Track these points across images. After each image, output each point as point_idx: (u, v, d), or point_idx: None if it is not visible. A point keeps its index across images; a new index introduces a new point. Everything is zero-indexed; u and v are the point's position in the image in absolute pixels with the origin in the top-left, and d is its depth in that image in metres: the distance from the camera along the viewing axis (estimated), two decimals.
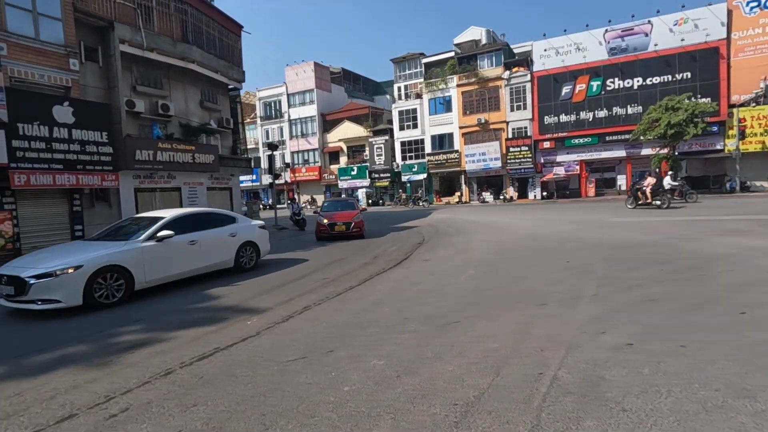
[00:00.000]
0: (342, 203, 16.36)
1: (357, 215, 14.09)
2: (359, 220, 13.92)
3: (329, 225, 13.61)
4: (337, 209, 14.99)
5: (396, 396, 3.18)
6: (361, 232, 13.85)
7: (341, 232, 13.56)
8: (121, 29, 15.18)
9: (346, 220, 13.72)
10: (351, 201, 16.74)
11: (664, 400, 2.86)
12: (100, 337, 5.01)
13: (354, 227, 13.64)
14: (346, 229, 13.51)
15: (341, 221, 13.66)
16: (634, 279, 6.06)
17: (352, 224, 13.61)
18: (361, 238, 13.65)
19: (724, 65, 27.85)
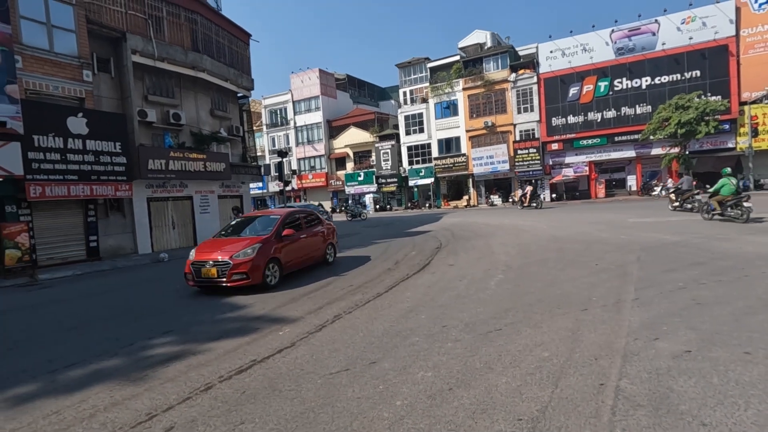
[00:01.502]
0: (262, 221, 9.11)
1: (251, 249, 7.66)
2: (249, 259, 7.49)
3: (194, 266, 7.70)
4: (234, 234, 8.88)
5: (454, 411, 3.03)
6: (250, 282, 7.44)
7: (210, 279, 7.54)
8: (132, 40, 15.25)
9: (223, 258, 7.52)
10: (274, 218, 9.00)
11: (744, 413, 2.70)
12: (132, 350, 4.90)
13: (235, 273, 7.38)
14: (217, 275, 7.45)
15: (213, 260, 7.57)
16: (675, 281, 5.88)
17: (231, 266, 7.38)
18: (256, 290, 7.63)
19: (733, 63, 27.60)
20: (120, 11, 15.24)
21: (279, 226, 8.60)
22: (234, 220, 10.09)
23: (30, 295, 9.45)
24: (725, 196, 12.28)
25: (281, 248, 8.29)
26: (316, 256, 9.75)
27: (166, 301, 7.69)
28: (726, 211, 12.31)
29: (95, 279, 11.17)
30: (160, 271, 11.74)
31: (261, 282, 7.60)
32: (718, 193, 12.52)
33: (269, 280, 7.82)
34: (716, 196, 12.53)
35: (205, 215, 18.62)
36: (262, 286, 7.68)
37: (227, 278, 7.43)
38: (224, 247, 7.94)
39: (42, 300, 8.77)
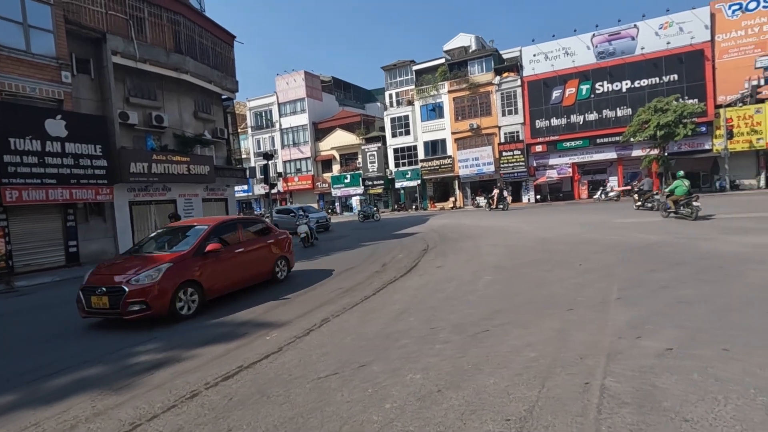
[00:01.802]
0: (184, 233, 7.41)
1: (155, 271, 6.12)
2: (151, 284, 5.98)
3: (84, 293, 6.20)
4: (148, 250, 7.17)
5: (443, 412, 3.04)
6: (151, 313, 5.96)
7: (101, 310, 6.06)
8: (113, 41, 14.97)
9: (117, 284, 6.01)
10: (199, 229, 7.30)
11: (724, 408, 2.78)
12: (117, 357, 4.79)
13: (132, 302, 5.89)
14: (109, 306, 5.96)
15: (106, 286, 6.06)
16: (659, 281, 6.01)
17: (126, 294, 5.88)
18: (164, 322, 6.15)
19: (709, 67, 28.45)
20: (100, 11, 14.94)
21: (202, 239, 6.87)
22: (155, 232, 8.25)
23: (8, 302, 9.17)
24: (679, 196, 13.67)
25: (203, 268, 6.62)
26: (262, 273, 8.11)
27: None
28: (679, 210, 13.63)
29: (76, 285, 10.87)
30: None
31: (168, 312, 6.06)
32: (672, 193, 13.94)
33: (182, 308, 6.24)
34: (672, 196, 13.93)
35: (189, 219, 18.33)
36: (172, 317, 6.11)
37: (122, 309, 5.79)
38: (125, 268, 6.26)
39: (21, 307, 8.51)
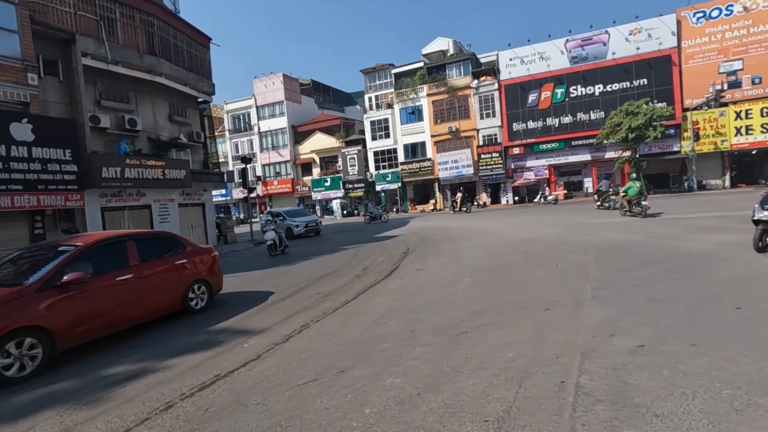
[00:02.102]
0: (43, 256, 5.65)
1: None
2: None
3: None
4: None
5: (423, 416, 3.05)
6: None
7: None
8: (83, 42, 14.52)
9: None
10: (63, 250, 5.47)
11: (692, 402, 2.87)
12: (88, 370, 4.62)
13: None
14: None
15: None
16: (631, 279, 6.19)
17: None
18: None
19: (676, 72, 29.57)
20: (68, 12, 14.47)
21: (57, 268, 5.05)
22: (16, 252, 6.23)
23: None
24: (631, 197, 15.02)
25: (56, 307, 4.84)
26: (165, 304, 6.38)
27: None
28: (632, 209, 14.92)
29: None
30: None
31: None
32: (626, 193, 15.30)
33: (12, 366, 4.42)
34: (626, 197, 15.29)
35: (165, 224, 17.89)
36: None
37: None
38: None
39: None
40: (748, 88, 28.11)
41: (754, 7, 27.70)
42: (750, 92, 28.09)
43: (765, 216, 6.91)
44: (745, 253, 7.29)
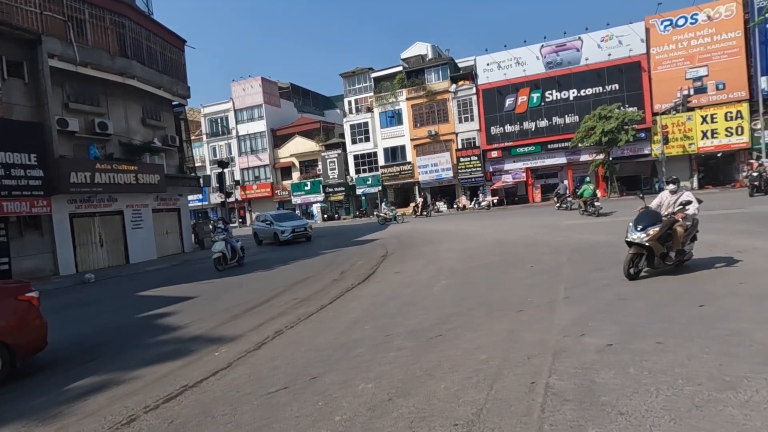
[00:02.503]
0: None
1: None
2: None
3: None
4: None
5: (393, 422, 3.02)
6: None
7: None
8: (49, 43, 14.05)
9: None
10: None
11: (656, 400, 2.93)
12: (47, 385, 4.42)
13: None
14: None
15: None
16: (601, 279, 6.33)
17: None
18: None
19: (646, 77, 30.57)
20: (34, 12, 13.97)
21: None
22: None
23: None
24: (586, 198, 17.00)
25: None
26: None
27: (91, 326, 7.07)
28: (587, 209, 16.85)
29: None
30: (85, 294, 10.77)
31: None
32: (582, 195, 17.30)
33: None
34: (581, 198, 17.28)
35: (138, 231, 17.42)
36: None
37: None
38: None
39: None
40: (713, 94, 29.29)
41: (717, 17, 28.92)
42: (714, 97, 29.26)
43: (639, 238, 5.87)
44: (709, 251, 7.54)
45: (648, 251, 5.92)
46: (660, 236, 5.83)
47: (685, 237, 6.09)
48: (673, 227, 5.95)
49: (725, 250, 7.58)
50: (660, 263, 6.05)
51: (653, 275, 6.30)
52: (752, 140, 28.21)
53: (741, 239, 8.57)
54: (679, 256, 6.13)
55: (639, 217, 6.08)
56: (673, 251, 6.01)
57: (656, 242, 5.84)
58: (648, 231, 5.80)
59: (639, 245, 5.90)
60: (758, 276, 5.73)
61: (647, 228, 5.83)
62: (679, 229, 5.96)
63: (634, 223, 6.03)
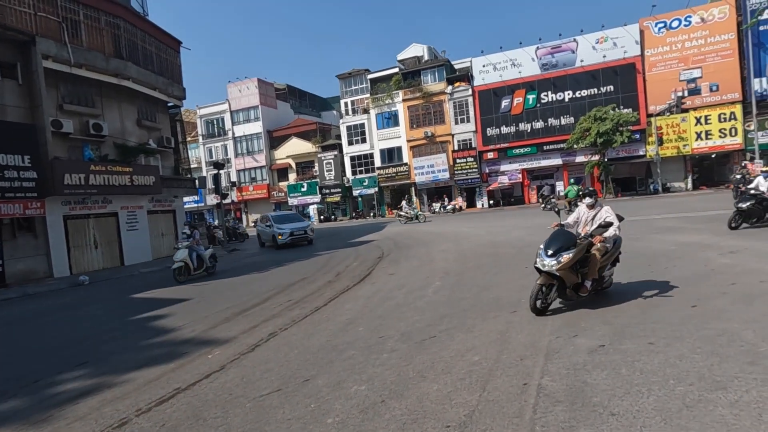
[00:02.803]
0: None
1: None
2: None
3: None
4: None
5: (385, 424, 3.02)
6: None
7: None
8: (44, 44, 13.97)
9: None
10: None
11: (647, 400, 2.94)
12: (36, 388, 4.38)
13: None
14: None
15: None
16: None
17: None
18: None
19: (640, 79, 30.76)
20: (28, 13, 13.89)
21: None
22: None
23: None
24: (571, 198, 18.34)
25: None
26: None
27: (84, 329, 7.03)
28: (572, 209, 17.06)
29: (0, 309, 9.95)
30: (79, 296, 10.71)
31: None
32: (567, 196, 18.97)
33: None
34: (566, 199, 18.81)
35: (133, 232, 17.33)
36: None
37: None
38: None
39: None
40: (707, 95, 29.50)
41: (711, 19, 29.16)
42: (708, 99, 29.48)
43: (549, 265, 4.78)
44: (701, 251, 7.59)
45: (559, 281, 4.89)
46: (574, 264, 4.84)
47: (605, 261, 5.11)
48: (590, 251, 4.95)
49: (717, 251, 7.64)
50: (573, 294, 5.03)
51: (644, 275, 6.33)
52: (746, 141, 28.43)
53: (733, 240, 8.64)
54: (597, 285, 5.16)
55: (551, 238, 5.04)
56: (588, 280, 4.97)
57: (568, 271, 4.79)
58: (560, 258, 4.74)
59: (549, 274, 4.84)
60: (749, 276, 5.77)
61: (559, 254, 4.78)
62: (597, 254, 4.93)
63: (544, 246, 4.97)
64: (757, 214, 9.86)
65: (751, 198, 9.81)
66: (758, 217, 9.91)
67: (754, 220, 9.92)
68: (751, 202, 9.73)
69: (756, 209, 9.79)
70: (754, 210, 9.80)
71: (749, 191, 10.07)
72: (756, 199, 9.75)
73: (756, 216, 9.87)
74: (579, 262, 4.91)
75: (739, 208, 9.81)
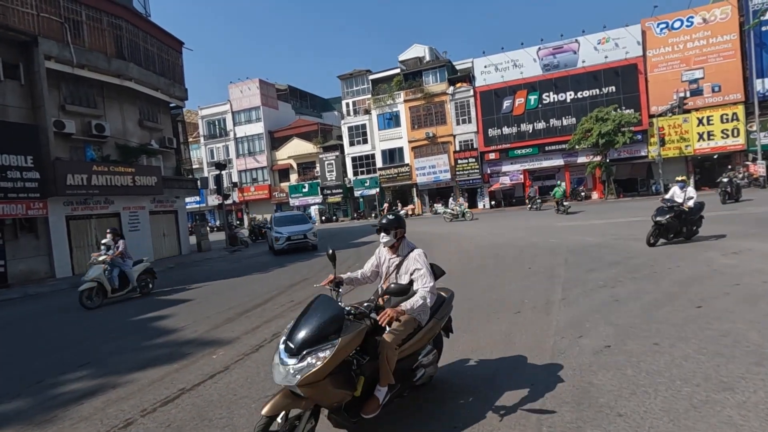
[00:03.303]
0: None
1: None
2: None
3: None
4: None
5: (390, 424, 3.01)
6: None
7: None
8: (46, 44, 14.00)
9: None
10: None
11: (653, 401, 2.93)
12: (39, 389, 4.38)
13: None
14: None
15: None
16: (596, 280, 6.34)
17: None
18: None
19: (642, 79, 30.72)
20: (31, 13, 13.93)
21: None
22: None
23: None
24: (557, 198, 20.79)
25: None
26: None
27: (86, 330, 7.02)
28: (559, 208, 20.50)
29: (1, 309, 9.95)
30: None
31: None
32: (554, 196, 21.01)
33: None
34: (555, 199, 21.00)
35: (135, 233, 17.34)
36: None
37: None
38: None
39: None
40: (709, 96, 29.45)
41: (713, 19, 29.11)
42: (710, 100, 29.43)
43: (289, 374, 2.42)
44: (704, 252, 7.57)
45: None
46: None
47: (413, 347, 3.02)
48: (379, 335, 2.82)
49: (720, 251, 7.62)
50: (347, 419, 2.68)
51: (649, 279, 6.31)
52: (748, 142, 28.37)
53: (735, 240, 8.61)
54: (400, 389, 3.00)
55: (300, 316, 2.72)
56: (381, 387, 2.77)
57: (326, 384, 2.45)
58: (309, 358, 2.44)
59: (290, 392, 2.52)
60: (752, 277, 5.76)
61: (309, 349, 2.47)
62: (389, 338, 2.77)
63: (287, 332, 2.70)
64: (674, 229, 8.86)
65: (669, 211, 8.75)
66: (675, 233, 8.94)
67: (671, 236, 8.96)
68: (670, 215, 8.70)
69: (673, 223, 8.78)
70: (671, 224, 8.77)
71: (666, 203, 8.95)
72: (674, 211, 8.72)
73: (673, 231, 8.88)
74: (362, 350, 2.78)
75: (658, 222, 8.77)
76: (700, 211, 9.12)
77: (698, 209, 9.03)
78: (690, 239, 9.10)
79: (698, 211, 9.04)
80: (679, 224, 8.86)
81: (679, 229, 8.92)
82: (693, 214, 8.92)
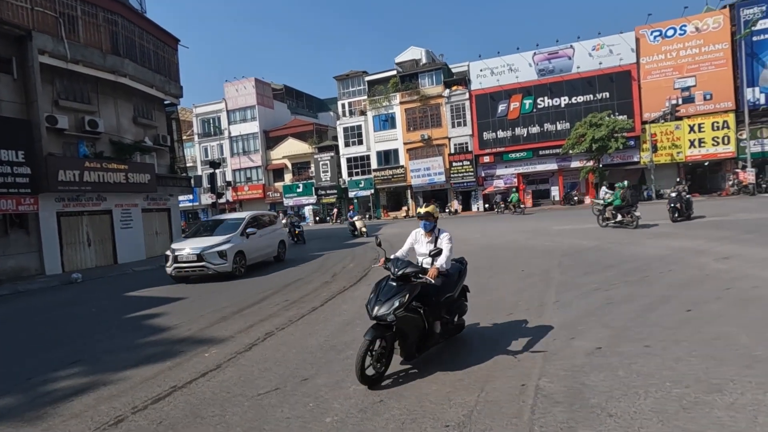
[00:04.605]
0: None
1: None
2: None
3: None
4: None
5: (384, 423, 3.02)
6: None
7: None
8: (40, 39, 13.86)
9: None
10: None
11: (644, 402, 2.97)
12: (29, 386, 4.33)
13: None
14: None
15: None
16: (590, 283, 6.40)
17: None
18: None
19: (636, 86, 31.08)
20: (25, 7, 13.78)
21: None
22: None
23: None
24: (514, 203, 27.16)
25: None
26: None
27: (77, 327, 6.95)
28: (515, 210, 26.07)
29: None
30: (72, 294, 10.59)
31: None
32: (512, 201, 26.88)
33: None
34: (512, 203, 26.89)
35: (127, 230, 17.19)
36: None
37: None
38: None
39: None
40: (701, 104, 29.86)
41: (705, 28, 29.55)
42: (702, 107, 29.84)
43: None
44: (696, 257, 7.67)
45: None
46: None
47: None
48: None
49: (712, 256, 7.73)
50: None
51: (642, 282, 6.38)
52: (738, 150, 28.80)
53: (726, 246, 8.74)
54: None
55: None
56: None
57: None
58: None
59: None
60: (743, 281, 5.84)
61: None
62: None
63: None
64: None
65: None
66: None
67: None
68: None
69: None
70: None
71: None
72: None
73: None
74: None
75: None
76: None
77: None
78: None
79: None
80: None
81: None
82: None
